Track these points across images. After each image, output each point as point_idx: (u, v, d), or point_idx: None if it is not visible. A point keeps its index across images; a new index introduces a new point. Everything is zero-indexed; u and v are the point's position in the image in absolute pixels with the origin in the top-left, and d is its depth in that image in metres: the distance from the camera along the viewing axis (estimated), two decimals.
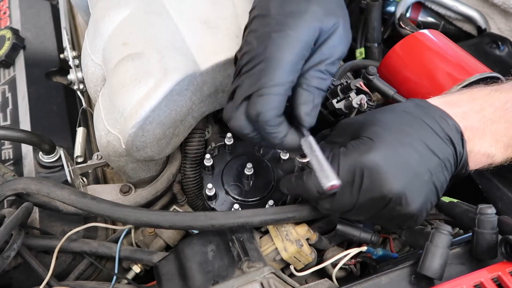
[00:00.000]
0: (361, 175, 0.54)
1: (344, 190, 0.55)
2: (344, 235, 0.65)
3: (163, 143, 0.72)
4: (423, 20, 1.13)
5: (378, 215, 0.57)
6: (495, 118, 0.60)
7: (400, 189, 0.53)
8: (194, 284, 0.62)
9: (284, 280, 0.58)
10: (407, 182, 0.53)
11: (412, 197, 0.54)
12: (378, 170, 0.53)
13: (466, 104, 0.61)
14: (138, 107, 0.65)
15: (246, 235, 0.66)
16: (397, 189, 0.53)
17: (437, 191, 0.56)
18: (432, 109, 0.59)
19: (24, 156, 0.90)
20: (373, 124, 0.58)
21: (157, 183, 0.83)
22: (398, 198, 0.53)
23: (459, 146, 0.57)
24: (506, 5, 0.98)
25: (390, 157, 0.54)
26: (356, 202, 0.55)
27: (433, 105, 0.60)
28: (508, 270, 0.54)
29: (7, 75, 1.05)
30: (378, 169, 0.53)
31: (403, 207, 0.54)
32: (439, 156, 0.55)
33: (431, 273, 0.53)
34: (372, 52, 1.08)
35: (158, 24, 0.72)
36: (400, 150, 0.54)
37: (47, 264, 0.69)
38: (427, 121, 0.57)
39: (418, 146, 0.55)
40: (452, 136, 0.56)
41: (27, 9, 1.16)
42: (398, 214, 0.55)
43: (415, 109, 0.59)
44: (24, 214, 0.68)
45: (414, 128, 0.56)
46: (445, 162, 0.56)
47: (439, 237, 0.55)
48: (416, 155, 0.54)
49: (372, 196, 0.54)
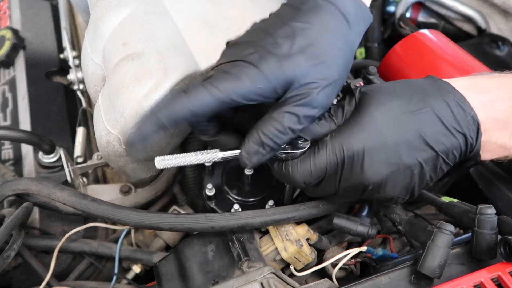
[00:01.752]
0: (342, 162, 0.52)
1: (328, 177, 0.54)
2: (341, 229, 0.64)
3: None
4: (423, 20, 1.13)
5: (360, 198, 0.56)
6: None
7: (378, 180, 0.52)
8: (194, 284, 0.62)
9: (284, 280, 0.58)
10: (389, 173, 0.52)
11: (392, 186, 0.53)
12: (357, 158, 0.51)
13: (495, 91, 0.56)
14: (138, 107, 0.65)
15: (246, 235, 0.66)
16: (375, 180, 0.52)
17: (427, 181, 0.54)
18: (450, 93, 0.54)
19: (24, 156, 0.90)
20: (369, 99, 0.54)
21: (157, 183, 0.83)
22: (376, 187, 0.53)
23: (472, 139, 0.53)
24: (506, 5, 0.98)
25: (374, 146, 0.51)
26: (338, 189, 0.55)
27: (452, 88, 0.55)
28: (508, 270, 0.54)
29: (7, 75, 1.05)
30: (357, 157, 0.51)
31: (381, 194, 0.54)
32: (435, 149, 0.52)
33: (430, 272, 0.53)
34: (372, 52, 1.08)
35: (158, 24, 0.72)
36: (388, 139, 0.52)
37: (47, 264, 0.69)
38: (437, 106, 0.53)
39: (411, 137, 0.52)
40: (465, 127, 0.53)
41: (27, 9, 1.16)
42: (377, 198, 0.55)
43: (430, 88, 0.55)
44: (24, 214, 0.68)
45: (415, 113, 0.52)
46: (444, 155, 0.53)
47: (441, 237, 0.54)
48: (405, 147, 0.52)
49: (350, 184, 0.53)
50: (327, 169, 0.53)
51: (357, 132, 0.52)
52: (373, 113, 0.53)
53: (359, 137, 0.52)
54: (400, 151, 0.52)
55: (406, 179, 0.53)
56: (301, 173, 0.55)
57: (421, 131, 0.52)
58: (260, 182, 0.78)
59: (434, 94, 0.54)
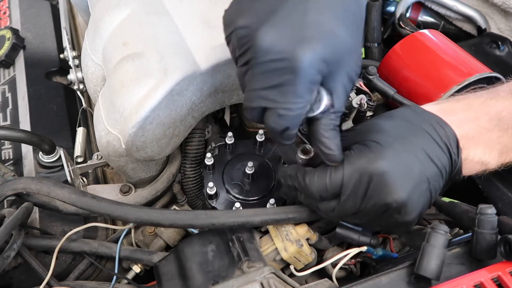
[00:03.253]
0: (368, 181, 0.53)
1: (349, 196, 0.55)
2: (343, 238, 0.65)
3: (163, 143, 0.72)
4: (423, 20, 1.13)
5: (375, 220, 0.57)
6: (490, 126, 0.60)
7: (404, 198, 0.53)
8: (194, 284, 0.62)
9: (284, 280, 0.58)
10: (410, 191, 0.53)
11: (412, 207, 0.54)
12: (385, 178, 0.53)
13: (461, 113, 0.61)
14: (138, 107, 0.65)
15: (246, 235, 0.66)
16: (401, 198, 0.53)
17: (431, 199, 0.57)
18: (430, 116, 0.59)
19: (24, 156, 0.90)
20: (377, 131, 0.57)
21: (157, 183, 0.83)
22: (399, 207, 0.53)
23: (455, 155, 0.57)
24: (506, 5, 0.98)
25: (396, 165, 0.53)
26: (359, 208, 0.55)
27: (430, 112, 0.59)
28: (508, 270, 0.53)
29: (7, 75, 1.05)
30: (385, 177, 0.53)
31: (401, 216, 0.55)
32: (437, 165, 0.55)
33: (428, 273, 0.53)
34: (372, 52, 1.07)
35: (158, 24, 0.72)
36: (405, 158, 0.54)
37: (47, 264, 0.69)
38: (427, 128, 0.56)
39: (420, 154, 0.54)
40: (449, 144, 0.56)
41: (27, 9, 1.16)
42: (395, 221, 0.56)
43: (414, 116, 0.58)
44: (24, 214, 0.68)
45: (416, 136, 0.56)
46: (442, 170, 0.56)
47: (435, 237, 0.55)
48: (418, 163, 0.54)
49: (374, 203, 0.54)
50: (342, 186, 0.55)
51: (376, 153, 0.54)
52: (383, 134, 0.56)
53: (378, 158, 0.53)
54: (414, 168, 0.54)
55: (421, 198, 0.55)
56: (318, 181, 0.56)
57: (425, 149, 0.55)
58: (261, 181, 0.78)
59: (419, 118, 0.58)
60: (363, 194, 0.54)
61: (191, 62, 0.68)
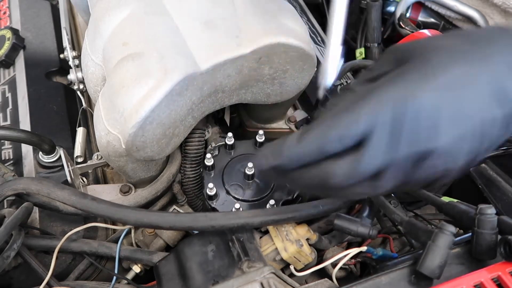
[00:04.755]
0: (405, 118, 0.38)
1: (378, 139, 0.38)
2: (342, 230, 0.64)
3: (163, 143, 0.72)
4: (423, 20, 1.13)
5: (406, 179, 0.41)
6: None
7: (448, 141, 0.39)
8: (194, 284, 0.62)
9: (284, 280, 0.58)
10: (458, 136, 0.39)
11: (456, 152, 0.40)
12: (431, 114, 0.38)
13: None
14: (138, 107, 0.65)
15: (246, 235, 0.66)
16: (446, 143, 0.39)
17: (484, 150, 0.41)
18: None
19: (24, 156, 0.90)
20: (431, 48, 0.41)
21: (157, 183, 0.83)
22: (441, 152, 0.39)
23: None
24: (506, 5, 0.98)
25: (448, 100, 0.38)
26: (391, 158, 0.39)
27: None
28: (508, 270, 0.53)
29: (7, 75, 1.05)
30: (432, 114, 0.38)
31: (438, 163, 0.40)
32: (504, 109, 0.39)
33: (430, 272, 0.53)
34: (372, 52, 1.08)
35: (158, 24, 0.72)
36: (461, 92, 0.39)
37: (47, 264, 0.69)
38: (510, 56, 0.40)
39: (483, 89, 0.39)
40: None
41: (27, 9, 1.16)
42: (427, 172, 0.41)
43: (500, 37, 0.42)
44: (24, 214, 0.68)
45: (486, 63, 0.40)
46: (509, 118, 0.40)
47: (442, 237, 0.54)
48: (476, 102, 0.39)
49: (412, 150, 0.39)
50: (365, 130, 0.39)
51: (419, 80, 0.39)
52: (435, 58, 0.40)
53: (432, 81, 0.39)
54: (469, 109, 0.39)
55: (474, 143, 0.40)
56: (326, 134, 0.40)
57: (492, 83, 0.40)
58: (261, 181, 0.78)
59: (506, 39, 0.42)
60: (397, 136, 0.38)
61: (191, 62, 0.68)
